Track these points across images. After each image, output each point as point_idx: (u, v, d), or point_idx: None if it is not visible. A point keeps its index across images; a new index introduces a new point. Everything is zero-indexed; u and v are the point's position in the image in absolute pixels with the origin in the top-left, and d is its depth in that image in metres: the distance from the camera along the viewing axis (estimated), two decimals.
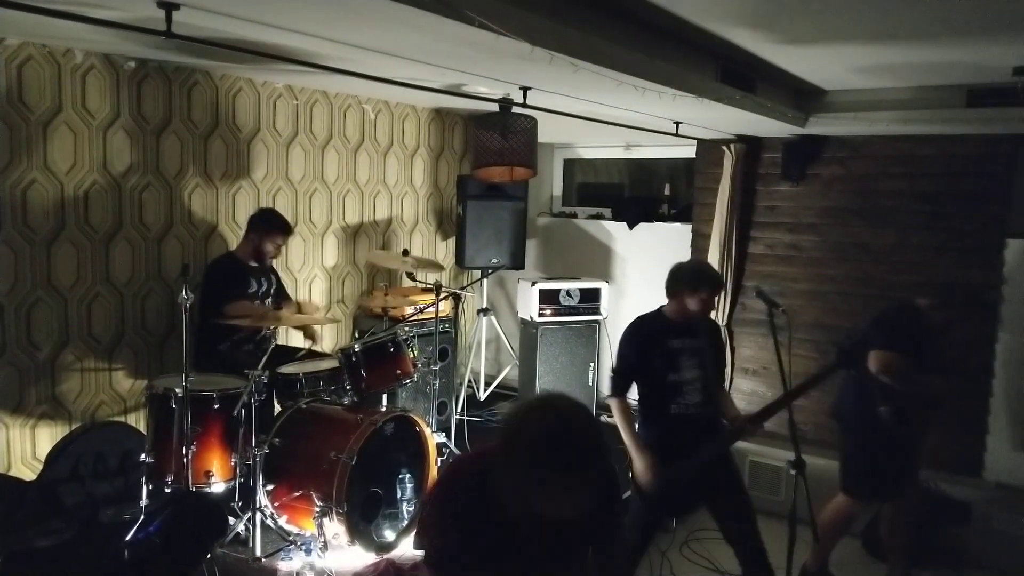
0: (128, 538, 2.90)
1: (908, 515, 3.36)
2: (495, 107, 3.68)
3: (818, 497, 2.56)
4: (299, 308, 4.04)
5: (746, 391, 4.89)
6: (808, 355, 4.54)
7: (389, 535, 3.33)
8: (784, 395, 2.72)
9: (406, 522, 3.38)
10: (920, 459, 3.36)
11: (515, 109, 3.61)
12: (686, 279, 2.91)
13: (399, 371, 3.67)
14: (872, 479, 3.26)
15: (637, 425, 2.94)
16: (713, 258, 4.81)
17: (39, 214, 3.27)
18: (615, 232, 5.52)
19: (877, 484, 3.27)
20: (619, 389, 2.96)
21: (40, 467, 3.23)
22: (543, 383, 4.89)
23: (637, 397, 3.01)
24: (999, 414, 4.02)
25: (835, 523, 3.33)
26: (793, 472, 2.51)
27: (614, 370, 3.02)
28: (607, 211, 5.64)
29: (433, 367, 4.05)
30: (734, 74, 3.14)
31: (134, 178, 3.57)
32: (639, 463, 2.84)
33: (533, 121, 3.71)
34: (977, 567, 3.70)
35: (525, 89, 3.29)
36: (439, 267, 4.41)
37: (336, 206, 4.56)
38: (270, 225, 3.75)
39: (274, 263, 3.95)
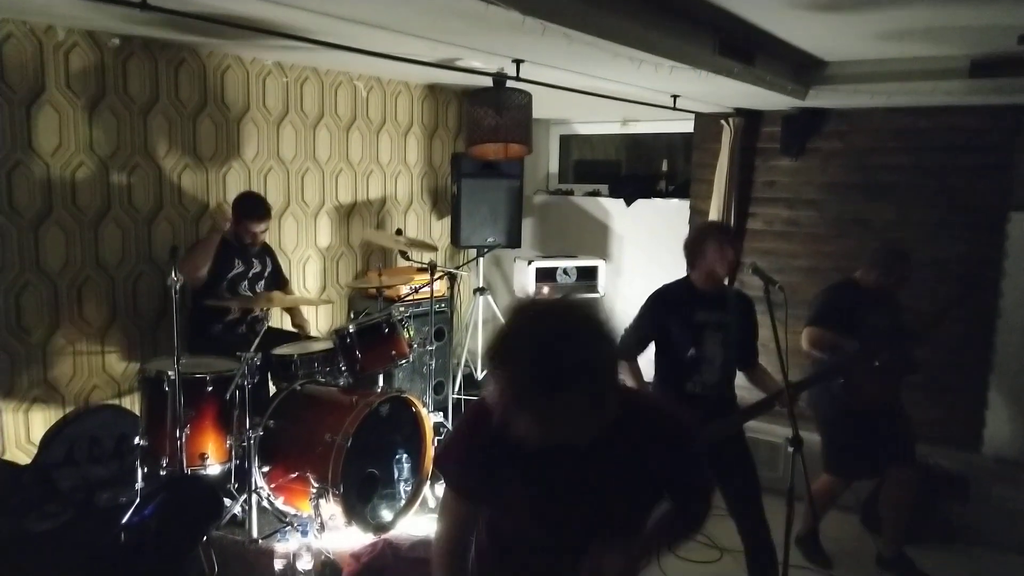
0: (124, 521, 2.88)
1: (906, 491, 3.37)
2: (490, 82, 3.61)
3: (815, 474, 2.54)
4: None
5: None
6: None
7: (386, 515, 3.32)
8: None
9: (403, 502, 3.37)
10: (907, 433, 3.38)
11: (509, 83, 3.53)
12: (697, 239, 2.78)
13: (394, 352, 3.64)
14: (847, 458, 3.36)
15: None
16: None
17: (25, 197, 3.21)
18: (612, 209, 5.47)
19: (854, 463, 3.36)
20: (625, 350, 2.79)
21: (35, 451, 3.21)
22: None
23: (653, 371, 2.92)
24: (999, 389, 4.00)
25: (820, 497, 3.41)
26: (791, 450, 2.48)
27: (625, 330, 2.86)
28: (604, 188, 5.58)
29: (429, 347, 4.02)
30: (733, 46, 3.06)
31: (122, 159, 3.50)
32: None
33: (528, 96, 3.64)
34: (976, 542, 3.70)
35: (518, 62, 3.22)
36: (432, 247, 4.37)
37: (329, 185, 4.50)
38: (243, 212, 3.62)
39: (270, 244, 3.90)
